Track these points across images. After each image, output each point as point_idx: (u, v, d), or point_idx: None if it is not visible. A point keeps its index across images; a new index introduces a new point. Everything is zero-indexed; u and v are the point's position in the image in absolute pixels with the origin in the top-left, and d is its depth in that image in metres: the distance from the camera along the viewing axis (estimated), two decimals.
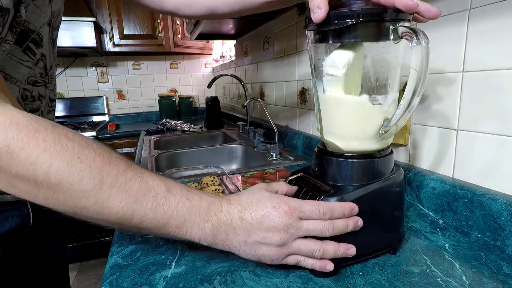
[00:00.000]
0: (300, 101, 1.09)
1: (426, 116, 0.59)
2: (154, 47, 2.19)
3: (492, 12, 0.45)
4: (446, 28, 0.53)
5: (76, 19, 1.79)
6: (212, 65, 2.66)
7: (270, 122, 1.11)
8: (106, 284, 0.38)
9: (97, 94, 2.38)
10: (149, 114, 2.53)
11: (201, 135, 1.68)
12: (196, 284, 0.37)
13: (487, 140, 0.48)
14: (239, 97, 1.92)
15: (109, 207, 0.32)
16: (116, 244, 0.47)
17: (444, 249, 0.44)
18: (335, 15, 0.34)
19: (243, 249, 0.37)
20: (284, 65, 1.18)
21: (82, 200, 0.31)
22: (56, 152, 0.30)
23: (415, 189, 0.58)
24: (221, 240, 0.36)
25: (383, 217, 0.41)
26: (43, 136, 0.30)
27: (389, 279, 0.37)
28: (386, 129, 0.39)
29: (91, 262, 1.97)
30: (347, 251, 0.37)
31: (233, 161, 1.27)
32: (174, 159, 1.19)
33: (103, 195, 0.32)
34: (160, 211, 0.34)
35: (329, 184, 0.41)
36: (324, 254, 0.36)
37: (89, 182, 0.31)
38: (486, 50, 0.47)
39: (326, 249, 0.36)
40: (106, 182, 0.32)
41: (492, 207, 0.45)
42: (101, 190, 0.31)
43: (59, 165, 0.30)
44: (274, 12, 1.16)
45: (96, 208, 0.32)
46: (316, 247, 0.36)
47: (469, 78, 0.50)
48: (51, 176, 0.30)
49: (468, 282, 0.36)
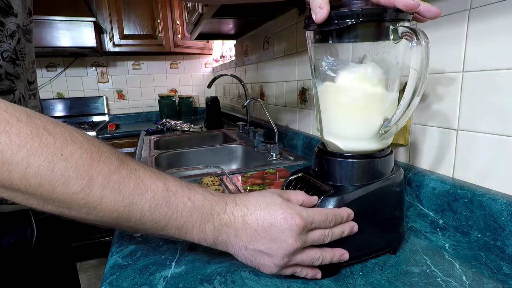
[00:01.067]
0: (300, 101, 1.09)
1: (426, 116, 0.58)
2: (154, 47, 2.19)
3: (492, 12, 0.45)
4: (446, 28, 0.53)
5: (76, 19, 1.79)
6: (212, 65, 2.66)
7: (270, 122, 1.11)
8: (106, 284, 0.38)
9: (97, 94, 2.38)
10: (149, 114, 2.52)
11: (201, 135, 1.67)
12: (196, 284, 0.37)
13: (487, 140, 0.48)
14: (239, 97, 1.92)
15: (101, 210, 0.29)
16: (116, 244, 0.47)
17: (444, 249, 0.44)
18: (335, 15, 0.34)
19: (243, 254, 0.35)
20: (284, 65, 1.18)
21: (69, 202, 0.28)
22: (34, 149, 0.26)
23: (415, 189, 0.58)
24: (221, 242, 0.35)
25: (383, 217, 0.41)
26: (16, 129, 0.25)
27: (389, 279, 0.37)
28: (386, 129, 0.39)
29: (91, 262, 1.97)
30: (341, 257, 0.37)
31: (233, 161, 1.27)
32: (174, 159, 1.19)
33: (93, 197, 0.28)
34: (158, 213, 0.31)
35: (329, 184, 0.41)
36: (322, 261, 0.36)
37: (76, 183, 0.27)
38: (486, 50, 0.47)
39: (324, 256, 0.36)
40: (97, 183, 0.28)
41: (492, 207, 0.45)
42: (91, 192, 0.28)
43: (39, 164, 0.26)
44: (274, 12, 1.16)
45: (87, 210, 0.29)
46: (317, 255, 0.36)
47: (469, 78, 0.50)
48: (29, 178, 0.26)
49: (468, 282, 0.36)
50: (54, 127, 0.28)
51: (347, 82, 0.39)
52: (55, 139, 0.27)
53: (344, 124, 0.41)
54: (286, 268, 0.36)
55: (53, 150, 0.26)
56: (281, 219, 0.33)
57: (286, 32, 1.14)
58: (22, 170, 0.25)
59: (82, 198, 0.28)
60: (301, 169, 0.47)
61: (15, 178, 0.26)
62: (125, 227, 0.32)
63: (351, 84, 0.39)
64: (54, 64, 2.25)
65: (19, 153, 0.25)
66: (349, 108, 0.40)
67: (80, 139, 0.29)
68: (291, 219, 0.33)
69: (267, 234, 0.33)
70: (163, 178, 0.33)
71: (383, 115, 0.39)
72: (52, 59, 2.24)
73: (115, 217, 0.30)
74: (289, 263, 0.35)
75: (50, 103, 2.21)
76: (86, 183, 0.28)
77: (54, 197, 0.27)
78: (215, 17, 1.14)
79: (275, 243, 0.33)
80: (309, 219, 0.34)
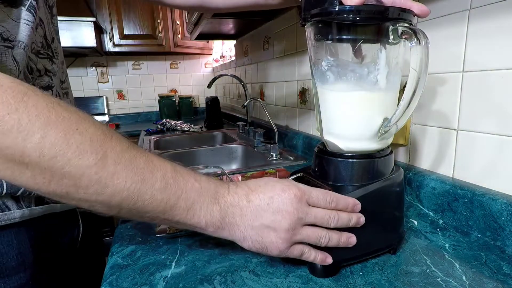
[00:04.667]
0: (300, 101, 1.09)
1: (426, 116, 0.58)
2: (154, 47, 2.19)
3: (492, 12, 0.45)
4: (446, 28, 0.53)
5: (76, 19, 1.79)
6: (212, 65, 2.66)
7: (270, 122, 1.11)
8: (106, 284, 0.38)
9: (97, 94, 2.38)
10: (149, 114, 2.52)
11: (201, 135, 1.68)
12: (196, 284, 0.37)
13: (487, 140, 0.48)
14: (239, 97, 1.92)
15: (113, 186, 0.28)
16: (116, 244, 0.47)
17: (444, 249, 0.44)
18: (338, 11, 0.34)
19: (249, 235, 0.35)
20: (284, 65, 1.18)
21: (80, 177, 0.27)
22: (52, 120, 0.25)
23: (415, 189, 0.58)
24: (228, 224, 0.34)
25: (383, 217, 0.41)
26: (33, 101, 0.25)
27: (389, 279, 0.37)
28: (386, 129, 0.39)
29: None
30: (349, 240, 0.37)
31: (233, 161, 1.27)
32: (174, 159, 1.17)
33: (107, 172, 0.28)
34: (169, 192, 0.31)
35: (329, 184, 0.41)
36: (329, 242, 0.36)
37: (90, 156, 0.27)
38: (486, 50, 0.47)
39: (331, 236, 0.36)
40: (110, 158, 0.28)
41: (492, 207, 0.45)
42: (105, 166, 0.28)
43: (55, 135, 0.25)
44: (274, 12, 1.16)
45: (97, 188, 0.28)
46: (323, 233, 0.36)
47: (469, 78, 0.50)
48: (44, 149, 0.25)
49: (468, 282, 0.36)
50: (68, 105, 0.28)
51: (347, 82, 0.39)
52: (70, 114, 0.27)
53: (344, 124, 0.41)
54: (293, 246, 0.35)
55: (69, 123, 0.27)
56: (279, 190, 0.35)
57: (286, 32, 1.14)
58: (38, 140, 0.25)
59: (95, 173, 0.27)
60: (301, 169, 0.47)
61: (29, 147, 0.25)
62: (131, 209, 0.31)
63: (351, 84, 0.39)
64: None
65: (36, 122, 0.25)
66: (349, 108, 0.40)
67: (92, 119, 0.30)
68: (288, 189, 0.35)
69: (269, 206, 0.34)
70: (169, 161, 0.34)
71: (383, 115, 0.39)
72: None
73: (125, 196, 0.29)
74: (294, 237, 0.35)
75: None
76: (100, 157, 0.28)
77: (66, 171, 0.27)
78: (215, 17, 1.14)
79: (278, 214, 0.34)
80: (306, 191, 0.35)
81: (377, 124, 0.39)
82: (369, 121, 0.39)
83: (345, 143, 0.41)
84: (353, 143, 0.41)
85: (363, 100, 0.39)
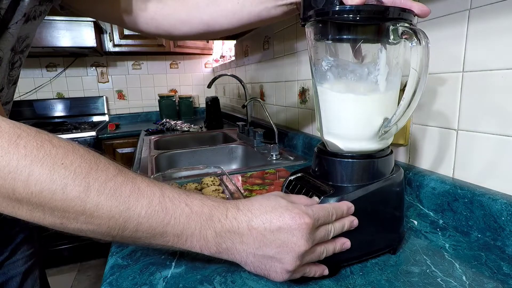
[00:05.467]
0: (300, 101, 1.09)
1: (426, 116, 0.58)
2: (154, 47, 2.19)
3: (492, 12, 0.45)
4: (446, 28, 0.53)
5: (76, 19, 1.79)
6: (212, 65, 2.66)
7: (270, 122, 1.11)
8: (106, 284, 0.38)
9: (97, 94, 2.38)
10: (149, 114, 2.52)
11: (201, 135, 1.67)
12: (196, 284, 0.37)
13: (487, 140, 0.48)
14: (239, 97, 1.92)
15: (98, 216, 0.29)
16: (116, 244, 0.47)
17: (444, 249, 0.44)
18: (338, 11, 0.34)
19: (251, 262, 0.34)
20: (284, 65, 1.18)
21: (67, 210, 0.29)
22: (38, 158, 0.27)
23: (415, 189, 0.58)
24: (225, 249, 0.33)
25: (383, 217, 0.41)
26: (24, 142, 0.27)
27: (389, 279, 0.37)
28: (386, 129, 0.39)
29: (91, 262, 1.97)
30: (343, 246, 0.37)
31: (233, 161, 1.27)
32: (174, 159, 1.19)
33: (90, 203, 0.29)
34: (155, 219, 0.31)
35: (329, 184, 0.41)
36: (326, 254, 0.36)
37: (73, 189, 0.28)
38: (486, 50, 0.47)
39: (328, 248, 0.36)
40: (93, 189, 0.29)
41: (492, 207, 0.45)
42: (88, 198, 0.29)
43: (40, 172, 0.27)
44: None
45: (85, 218, 0.29)
46: (321, 249, 0.35)
47: (469, 78, 0.50)
48: (31, 185, 0.27)
49: (468, 282, 0.36)
50: (59, 141, 0.30)
51: (347, 82, 0.39)
52: (57, 150, 0.29)
53: (344, 124, 0.41)
54: (297, 272, 0.34)
55: (55, 159, 0.28)
56: (289, 220, 0.32)
57: (286, 32, 1.14)
58: (25, 178, 0.27)
59: (79, 205, 0.29)
60: (301, 169, 0.47)
61: (18, 185, 0.27)
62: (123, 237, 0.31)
63: (351, 84, 0.39)
64: (54, 64, 2.25)
65: (23, 161, 0.27)
66: (349, 108, 0.40)
67: (81, 151, 0.30)
68: (299, 219, 0.32)
69: (276, 238, 0.32)
70: (159, 185, 0.33)
71: (383, 115, 0.39)
72: (52, 59, 2.24)
73: (112, 224, 0.30)
74: (300, 265, 0.34)
75: (50, 103, 2.21)
76: (83, 189, 0.28)
77: (54, 205, 0.28)
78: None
79: (286, 246, 0.32)
80: (315, 217, 0.34)
81: (377, 124, 0.39)
82: (369, 121, 0.39)
83: (345, 143, 0.41)
84: (353, 143, 0.41)
85: (363, 100, 0.39)
